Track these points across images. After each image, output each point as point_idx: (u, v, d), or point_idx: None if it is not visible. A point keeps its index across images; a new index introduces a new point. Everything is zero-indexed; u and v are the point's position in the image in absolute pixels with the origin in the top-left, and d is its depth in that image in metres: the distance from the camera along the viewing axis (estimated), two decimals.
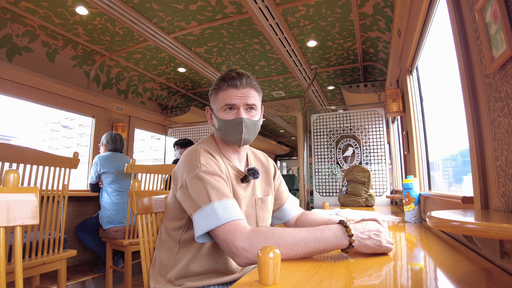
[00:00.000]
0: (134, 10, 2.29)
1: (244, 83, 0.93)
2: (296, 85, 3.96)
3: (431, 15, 1.40)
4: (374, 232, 0.77)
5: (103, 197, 2.60)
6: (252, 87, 0.95)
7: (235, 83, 0.92)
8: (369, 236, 0.76)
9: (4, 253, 0.69)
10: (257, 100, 0.97)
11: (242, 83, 0.93)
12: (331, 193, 3.30)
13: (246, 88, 0.94)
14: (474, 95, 0.82)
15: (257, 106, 0.97)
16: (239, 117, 0.93)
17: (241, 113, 0.93)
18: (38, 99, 2.78)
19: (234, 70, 0.95)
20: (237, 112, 0.93)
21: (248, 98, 0.94)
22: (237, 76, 0.93)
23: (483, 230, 0.46)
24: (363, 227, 0.77)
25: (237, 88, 0.93)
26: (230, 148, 1.01)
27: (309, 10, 2.30)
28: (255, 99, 0.96)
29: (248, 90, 0.94)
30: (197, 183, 0.82)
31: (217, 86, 0.96)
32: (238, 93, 0.93)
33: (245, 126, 0.93)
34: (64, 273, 1.80)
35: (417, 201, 1.42)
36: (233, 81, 0.92)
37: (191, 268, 0.91)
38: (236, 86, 0.93)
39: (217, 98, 0.96)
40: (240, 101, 0.93)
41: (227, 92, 0.93)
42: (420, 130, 1.87)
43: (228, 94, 0.93)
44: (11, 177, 0.83)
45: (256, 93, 0.97)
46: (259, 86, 0.99)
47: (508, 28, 0.62)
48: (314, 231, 0.74)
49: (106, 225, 2.44)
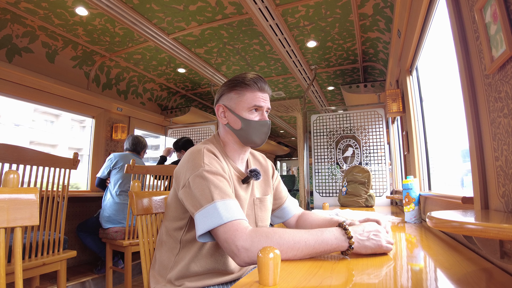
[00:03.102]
0: (134, 10, 2.29)
1: (267, 88, 0.99)
2: (296, 85, 3.97)
3: (430, 15, 1.40)
4: (373, 232, 0.77)
5: (106, 196, 2.60)
6: (268, 93, 1.02)
7: (263, 86, 0.97)
8: (368, 237, 0.76)
9: (4, 254, 0.69)
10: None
11: (266, 88, 0.99)
12: (331, 193, 3.30)
13: (266, 93, 1.00)
14: (474, 96, 0.82)
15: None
16: (265, 119, 0.98)
17: (266, 116, 0.99)
18: (38, 99, 2.78)
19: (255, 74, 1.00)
20: (261, 114, 0.98)
21: (268, 102, 1.00)
22: (263, 80, 0.99)
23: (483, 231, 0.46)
24: (362, 228, 0.77)
25: (263, 91, 0.98)
26: (237, 149, 1.01)
27: (309, 10, 2.30)
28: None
29: (268, 95, 1.01)
30: (200, 182, 0.82)
31: (244, 85, 0.97)
32: (264, 97, 0.98)
33: (269, 128, 1.00)
34: (64, 273, 1.80)
35: (417, 202, 1.42)
36: (262, 84, 0.97)
37: (192, 268, 0.91)
38: (263, 89, 0.98)
39: (243, 97, 0.97)
40: (265, 104, 0.98)
41: (255, 94, 0.96)
42: (420, 131, 1.87)
43: (256, 96, 0.96)
44: (11, 178, 0.83)
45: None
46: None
47: (507, 29, 0.62)
48: (314, 232, 0.74)
49: (105, 224, 2.44)
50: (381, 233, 0.78)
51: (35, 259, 1.65)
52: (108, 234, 2.40)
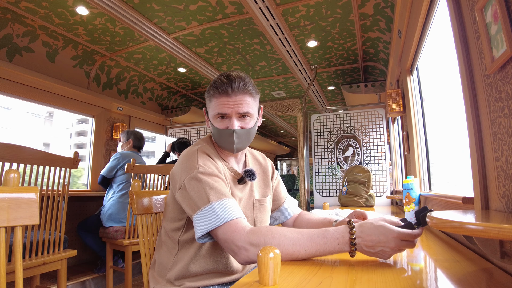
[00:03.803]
0: (135, 10, 2.29)
1: (236, 89, 0.86)
2: (297, 85, 3.96)
3: (431, 15, 1.40)
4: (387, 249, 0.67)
5: (108, 194, 2.60)
6: (246, 93, 0.88)
7: (226, 89, 0.86)
8: (375, 251, 0.68)
9: (5, 253, 0.69)
10: (251, 106, 0.91)
11: (234, 90, 0.86)
12: (331, 193, 3.30)
13: (238, 95, 0.87)
14: (474, 96, 0.82)
15: (251, 113, 0.91)
16: (230, 127, 0.89)
17: (233, 123, 0.88)
18: (38, 99, 2.78)
19: (225, 74, 0.89)
20: (229, 121, 0.89)
21: (240, 106, 0.88)
22: (228, 82, 0.86)
23: (483, 231, 0.46)
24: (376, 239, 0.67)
25: (228, 95, 0.87)
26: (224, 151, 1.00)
27: (309, 10, 2.30)
28: (248, 106, 0.89)
29: (241, 97, 0.88)
30: (195, 184, 0.82)
31: (208, 93, 0.91)
32: (230, 101, 0.87)
33: (237, 137, 0.89)
34: (64, 273, 1.80)
35: (418, 202, 1.42)
36: (224, 87, 0.86)
37: (191, 268, 0.91)
38: (228, 93, 0.87)
39: (210, 104, 0.92)
40: (232, 110, 0.88)
41: (219, 100, 0.88)
42: (420, 131, 1.87)
43: (220, 102, 0.88)
44: (11, 177, 0.83)
45: (251, 98, 0.91)
46: (255, 89, 0.93)
47: (508, 29, 0.62)
48: (315, 232, 0.73)
49: (107, 222, 2.45)
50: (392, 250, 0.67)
51: (36, 258, 1.65)
52: (108, 233, 2.41)
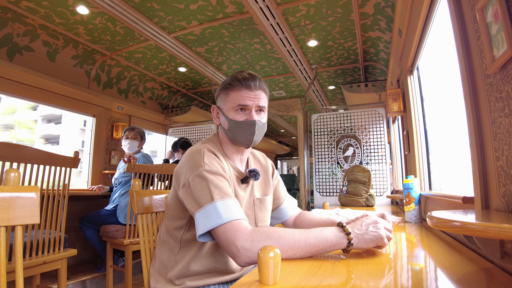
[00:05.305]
0: (135, 9, 2.29)
1: (257, 85, 0.93)
2: (297, 84, 3.96)
3: (432, 15, 1.39)
4: (372, 225, 0.76)
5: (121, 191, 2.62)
6: (262, 90, 0.95)
7: (249, 84, 0.92)
8: (366, 230, 0.75)
9: (5, 252, 0.69)
10: (266, 102, 0.98)
11: (255, 85, 0.93)
12: (332, 193, 3.30)
13: (258, 90, 0.94)
14: (475, 95, 0.82)
15: (266, 108, 0.98)
16: (251, 119, 0.93)
17: (253, 115, 0.93)
18: (38, 98, 2.78)
19: (246, 71, 0.95)
20: (249, 114, 0.93)
21: (260, 100, 0.94)
22: (250, 77, 0.92)
23: (484, 231, 0.46)
24: (360, 223, 0.77)
25: (250, 89, 0.92)
26: (234, 149, 1.00)
27: (309, 10, 2.30)
28: (265, 102, 0.96)
29: (260, 92, 0.94)
30: (200, 182, 0.82)
31: (229, 85, 0.94)
32: (252, 95, 0.93)
33: (257, 128, 0.93)
34: (64, 272, 1.80)
35: (418, 201, 1.42)
36: (247, 82, 0.92)
37: (192, 267, 0.91)
38: (250, 87, 0.92)
39: (228, 97, 0.95)
40: (252, 103, 0.93)
41: (240, 93, 0.92)
42: (420, 130, 1.87)
43: (241, 95, 0.92)
44: (11, 176, 0.83)
45: (266, 95, 0.97)
46: (267, 88, 0.99)
47: (509, 28, 0.62)
48: (313, 231, 0.74)
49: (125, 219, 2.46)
50: (379, 223, 0.77)
51: (36, 257, 1.65)
52: (109, 232, 2.41)
